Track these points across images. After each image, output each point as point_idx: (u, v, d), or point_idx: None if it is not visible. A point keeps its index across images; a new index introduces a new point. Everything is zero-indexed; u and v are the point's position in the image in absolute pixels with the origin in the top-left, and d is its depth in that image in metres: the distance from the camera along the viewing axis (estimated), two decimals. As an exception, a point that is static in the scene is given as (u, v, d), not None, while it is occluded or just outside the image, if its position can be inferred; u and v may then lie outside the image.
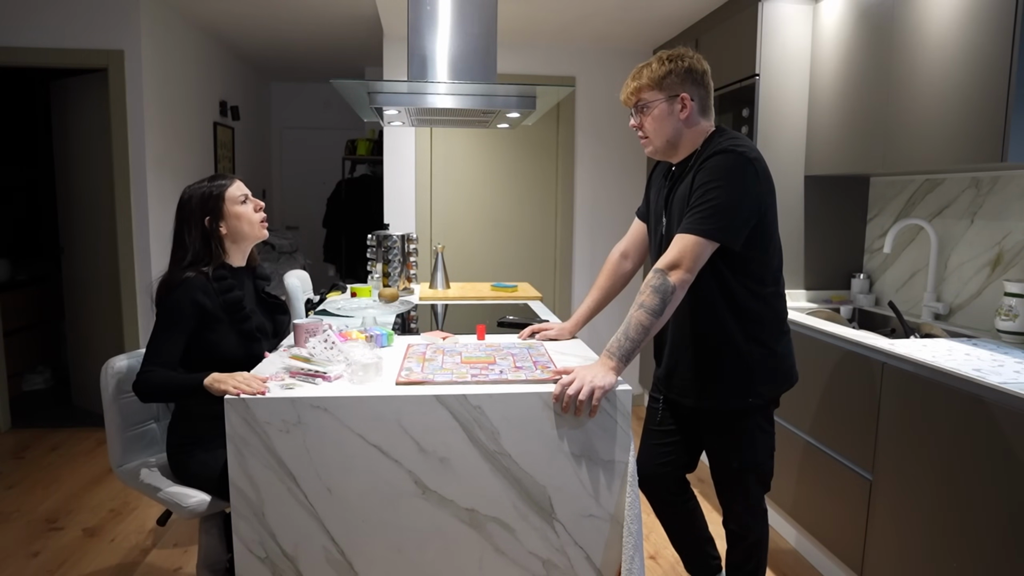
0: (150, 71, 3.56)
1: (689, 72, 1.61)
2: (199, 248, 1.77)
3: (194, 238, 1.77)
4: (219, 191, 1.80)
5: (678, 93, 1.61)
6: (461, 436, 1.42)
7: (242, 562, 1.40)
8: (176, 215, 1.80)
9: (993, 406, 1.59)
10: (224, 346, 1.72)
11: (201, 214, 1.78)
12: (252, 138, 5.64)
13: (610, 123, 4.15)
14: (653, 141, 1.66)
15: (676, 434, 1.82)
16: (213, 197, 1.79)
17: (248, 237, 1.85)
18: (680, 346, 1.72)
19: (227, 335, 1.74)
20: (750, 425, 1.68)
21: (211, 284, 1.73)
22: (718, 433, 1.73)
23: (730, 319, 1.62)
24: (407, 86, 2.15)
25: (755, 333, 1.63)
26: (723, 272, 1.60)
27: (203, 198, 1.79)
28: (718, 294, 1.62)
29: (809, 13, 2.78)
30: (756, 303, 1.62)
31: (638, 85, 1.63)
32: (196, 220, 1.77)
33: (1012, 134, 1.80)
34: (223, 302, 1.74)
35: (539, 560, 1.47)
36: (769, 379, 1.66)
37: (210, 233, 1.78)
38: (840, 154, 2.59)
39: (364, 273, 5.16)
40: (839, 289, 2.92)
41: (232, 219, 1.81)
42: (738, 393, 1.65)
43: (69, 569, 2.34)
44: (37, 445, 3.50)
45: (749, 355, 1.63)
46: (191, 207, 1.78)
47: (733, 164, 1.53)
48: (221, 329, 1.73)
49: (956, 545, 1.70)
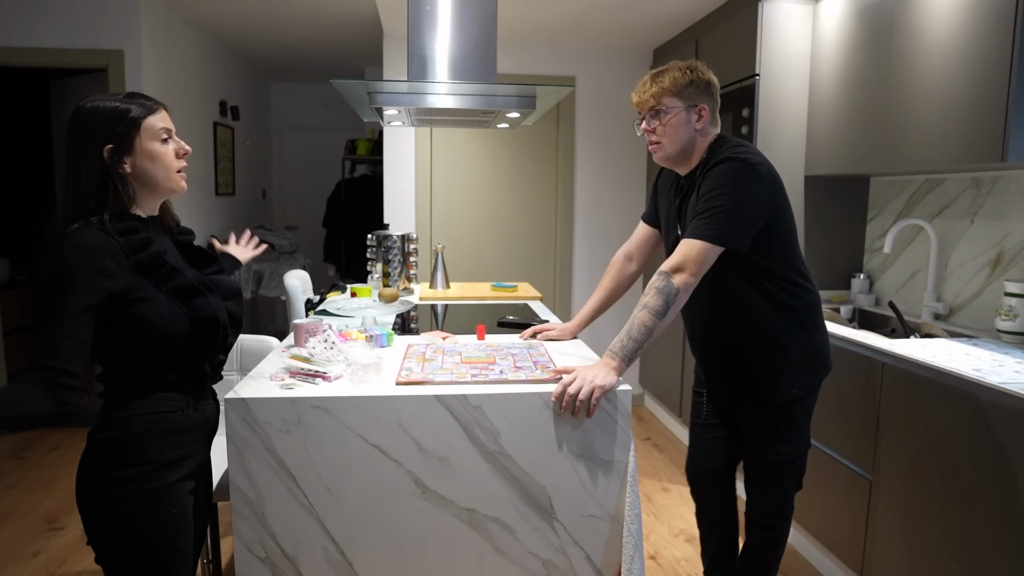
0: (150, 71, 3.56)
1: (708, 84, 1.66)
2: (90, 188, 1.23)
3: (86, 173, 1.23)
4: (137, 115, 1.26)
5: (697, 103, 1.64)
6: (461, 436, 1.42)
7: (242, 562, 1.40)
8: (67, 135, 1.26)
9: (993, 406, 1.59)
10: (160, 318, 1.22)
11: (103, 139, 1.24)
12: (252, 138, 5.64)
13: (610, 123, 4.15)
14: (666, 147, 1.67)
15: (723, 428, 1.87)
16: (125, 121, 1.25)
17: (160, 188, 1.31)
18: (717, 346, 1.76)
19: (158, 304, 1.22)
20: (787, 418, 1.71)
21: (113, 240, 1.20)
22: (756, 424, 1.75)
23: (765, 315, 1.66)
24: (407, 86, 2.15)
25: (791, 326, 1.67)
26: (750, 272, 1.64)
27: (109, 118, 1.24)
28: (752, 292, 1.65)
29: (809, 13, 2.78)
30: (789, 297, 1.67)
31: (660, 89, 1.64)
32: (94, 147, 1.24)
33: (1012, 134, 1.81)
34: (136, 263, 1.22)
35: (539, 560, 1.47)
36: (810, 368, 1.70)
37: (108, 169, 1.24)
38: (840, 154, 2.59)
39: (364, 273, 5.16)
40: (839, 289, 2.92)
41: (143, 158, 1.27)
42: (781, 385, 1.68)
43: (69, 569, 2.34)
44: (37, 445, 3.50)
45: (788, 347, 1.67)
46: (90, 126, 1.24)
47: (736, 171, 1.56)
48: (146, 298, 1.21)
49: (956, 545, 1.70)
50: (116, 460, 1.22)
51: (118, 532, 1.22)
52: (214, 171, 4.61)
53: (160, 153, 1.29)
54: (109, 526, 1.22)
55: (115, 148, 1.24)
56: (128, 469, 1.22)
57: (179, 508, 1.28)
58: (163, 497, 1.25)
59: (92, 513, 1.22)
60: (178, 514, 1.27)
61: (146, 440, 1.23)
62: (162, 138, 1.30)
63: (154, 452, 1.24)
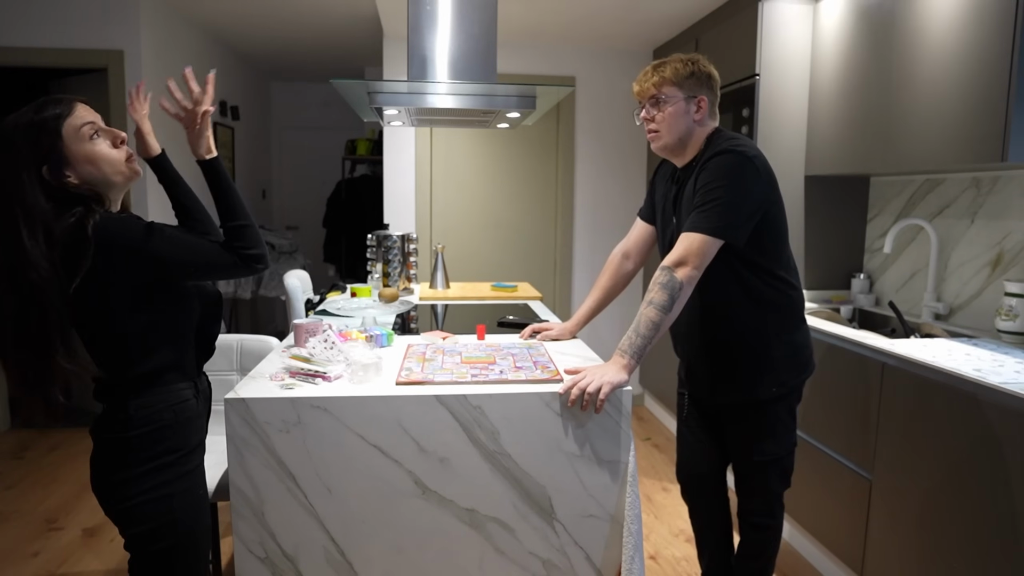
0: (150, 71, 3.56)
1: (709, 77, 1.67)
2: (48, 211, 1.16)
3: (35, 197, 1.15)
4: (53, 124, 1.18)
5: (696, 95, 1.65)
6: (461, 436, 1.42)
7: (242, 562, 1.40)
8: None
9: (993, 406, 1.59)
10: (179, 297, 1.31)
11: (34, 161, 1.16)
12: (252, 138, 5.64)
13: (610, 123, 4.15)
14: (664, 136, 1.68)
15: (707, 429, 1.87)
16: (44, 133, 1.17)
17: (115, 184, 1.26)
18: (701, 342, 1.75)
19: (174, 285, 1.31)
20: (771, 418, 1.70)
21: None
22: (740, 424, 1.75)
23: (749, 311, 1.66)
24: (407, 86, 2.15)
25: (773, 323, 1.67)
26: (737, 266, 1.63)
27: (28, 137, 1.16)
28: (736, 287, 1.65)
29: (809, 13, 2.78)
30: (772, 294, 1.66)
31: (661, 78, 1.65)
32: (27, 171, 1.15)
33: (1012, 134, 1.81)
34: None
35: (539, 560, 1.47)
36: (792, 367, 1.69)
37: (52, 189, 1.18)
38: (840, 154, 2.59)
39: (364, 273, 5.16)
40: (839, 289, 2.92)
41: (83, 164, 1.21)
42: (763, 383, 1.68)
43: (69, 569, 2.34)
44: (37, 445, 3.49)
45: (769, 345, 1.67)
46: (12, 152, 1.15)
47: (734, 163, 1.56)
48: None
49: (956, 545, 1.70)
50: (155, 450, 1.28)
51: (159, 517, 1.29)
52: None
53: (95, 153, 1.22)
54: (150, 513, 1.28)
55: (51, 166, 1.18)
56: (166, 457, 1.29)
57: (204, 486, 1.39)
58: (195, 477, 1.35)
59: (131, 504, 1.27)
60: (204, 492, 1.38)
61: (176, 429, 1.31)
62: (89, 136, 1.22)
63: (185, 438, 1.33)
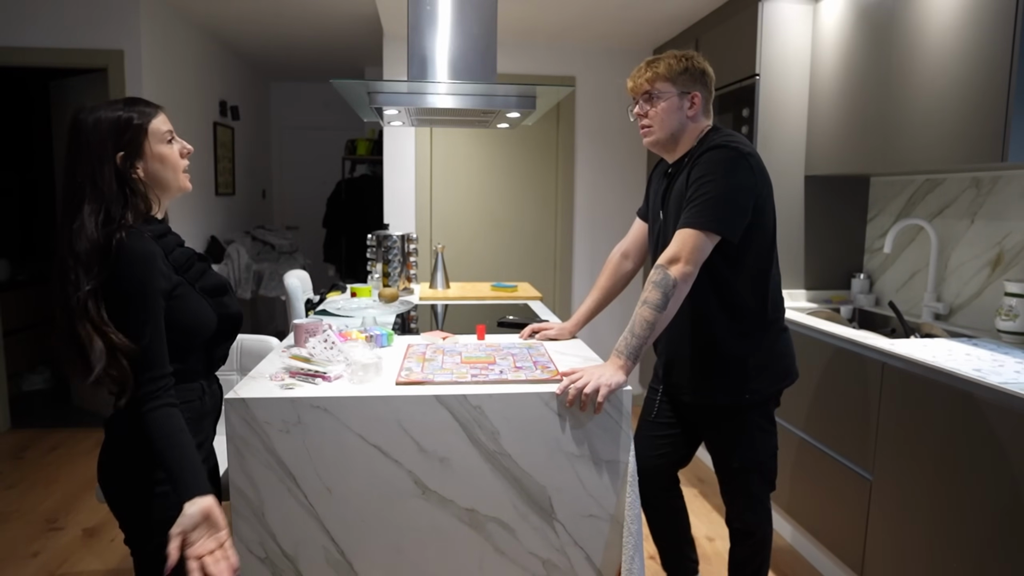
0: (150, 71, 3.56)
1: (703, 74, 1.67)
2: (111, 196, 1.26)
3: (106, 182, 1.26)
4: (141, 121, 1.30)
5: (690, 91, 1.65)
6: (461, 436, 1.42)
7: (242, 562, 1.40)
8: (72, 146, 1.28)
9: (993, 406, 1.59)
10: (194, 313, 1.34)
11: (113, 148, 1.27)
12: (252, 138, 5.64)
13: (610, 123, 4.15)
14: (656, 132, 1.67)
15: (674, 427, 1.83)
16: (132, 128, 1.29)
17: (170, 188, 1.37)
18: (677, 342, 1.73)
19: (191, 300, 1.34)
20: (748, 423, 1.68)
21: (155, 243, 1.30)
22: (716, 430, 1.73)
23: (723, 316, 1.64)
24: (407, 86, 2.15)
25: (748, 329, 1.64)
26: (718, 268, 1.61)
27: (116, 127, 1.28)
28: (711, 290, 1.63)
29: (809, 13, 2.78)
30: (751, 299, 1.64)
31: (654, 74, 1.65)
32: (106, 156, 1.27)
33: (1012, 134, 1.80)
34: (173, 262, 1.33)
35: (539, 560, 1.47)
36: (764, 376, 1.66)
37: (123, 175, 1.29)
38: (840, 154, 2.59)
39: (364, 273, 5.16)
40: (839, 289, 2.92)
41: (154, 161, 1.32)
42: (733, 389, 1.65)
43: (69, 569, 2.34)
44: (37, 445, 3.50)
45: (742, 351, 1.64)
46: (98, 137, 1.26)
47: (727, 158, 1.55)
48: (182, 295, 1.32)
49: (956, 545, 1.70)
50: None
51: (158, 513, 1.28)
52: (214, 171, 4.61)
53: (167, 154, 1.35)
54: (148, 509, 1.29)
55: (127, 155, 1.29)
56: None
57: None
58: None
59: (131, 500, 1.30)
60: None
61: None
62: (167, 140, 1.35)
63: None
